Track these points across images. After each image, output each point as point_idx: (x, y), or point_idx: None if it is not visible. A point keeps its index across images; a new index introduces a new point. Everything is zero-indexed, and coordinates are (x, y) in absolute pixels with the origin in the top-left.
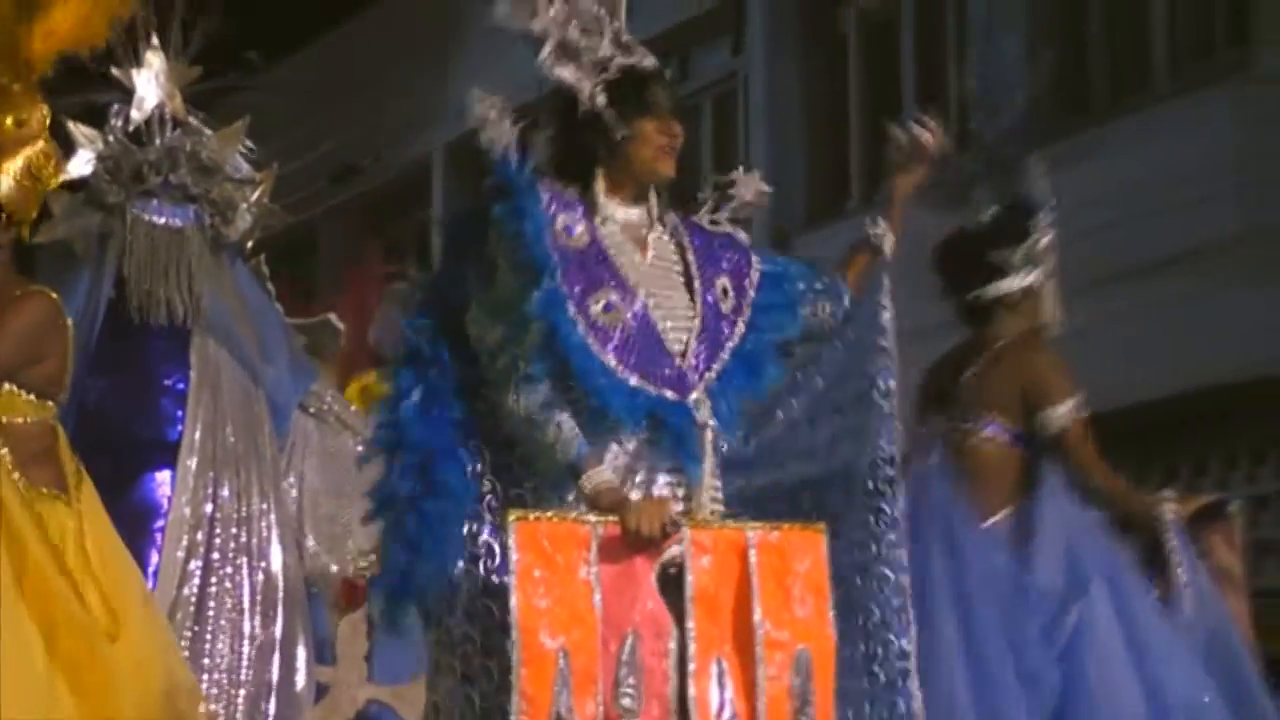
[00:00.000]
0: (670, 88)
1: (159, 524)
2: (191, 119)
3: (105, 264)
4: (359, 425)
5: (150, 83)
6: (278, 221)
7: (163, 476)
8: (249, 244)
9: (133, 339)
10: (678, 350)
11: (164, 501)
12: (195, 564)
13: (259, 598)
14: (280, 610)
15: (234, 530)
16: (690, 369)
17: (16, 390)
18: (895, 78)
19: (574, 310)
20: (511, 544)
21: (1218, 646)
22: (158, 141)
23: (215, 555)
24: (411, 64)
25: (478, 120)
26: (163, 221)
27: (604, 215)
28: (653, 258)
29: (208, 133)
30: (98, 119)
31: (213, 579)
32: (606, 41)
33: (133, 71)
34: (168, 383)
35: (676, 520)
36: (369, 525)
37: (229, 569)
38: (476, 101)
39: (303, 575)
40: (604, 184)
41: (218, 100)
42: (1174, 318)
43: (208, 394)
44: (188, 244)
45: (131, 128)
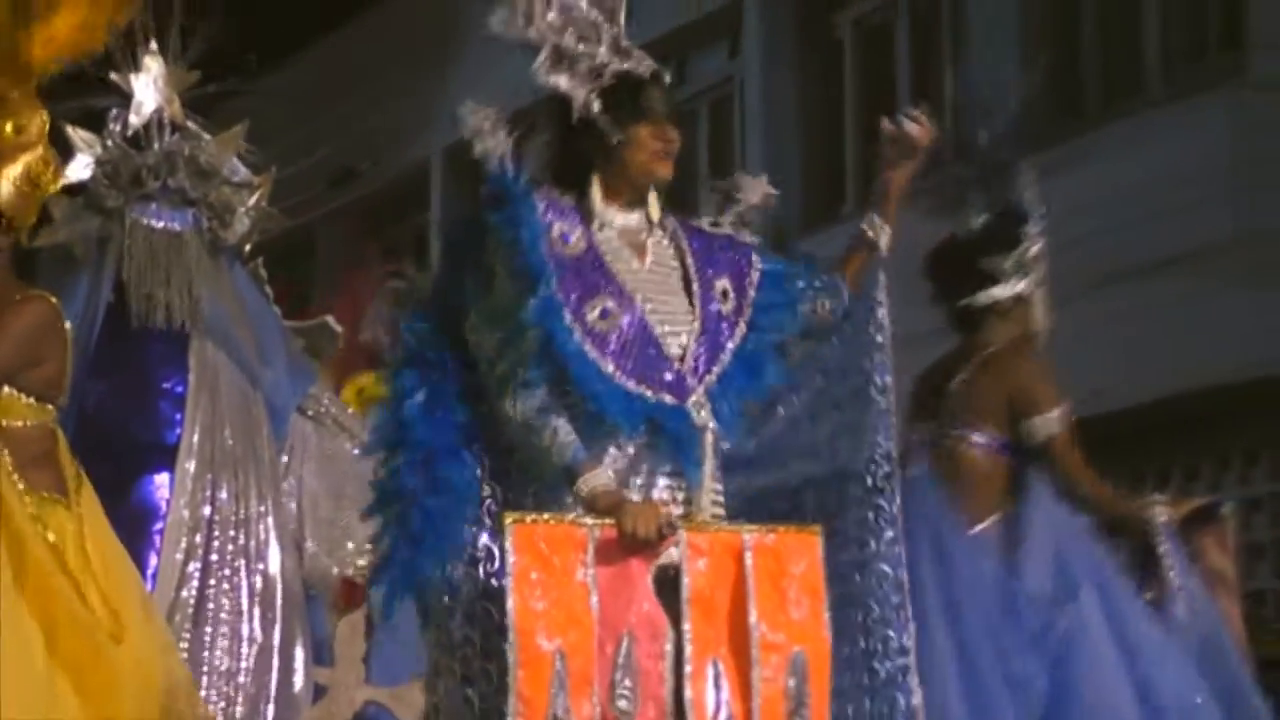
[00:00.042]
0: (667, 92)
1: (158, 526)
2: (189, 123)
3: (104, 268)
4: (356, 428)
5: (148, 87)
6: (276, 225)
7: (161, 479)
8: (247, 247)
9: (132, 342)
10: (676, 354)
11: (163, 504)
12: (194, 566)
13: (257, 600)
14: (279, 612)
15: (232, 532)
16: (689, 372)
17: (16, 394)
18: (890, 83)
19: (570, 318)
20: (508, 546)
21: (1210, 649)
22: (156, 146)
23: (214, 557)
24: (409, 69)
25: (470, 132)
26: (161, 225)
27: (601, 221)
28: (651, 263)
29: (206, 137)
30: (96, 124)
31: (211, 581)
32: (604, 48)
33: (131, 76)
34: (166, 386)
35: (672, 523)
36: (370, 521)
37: (227, 571)
38: (469, 114)
39: (300, 577)
40: (600, 190)
41: (216, 105)
42: (1167, 321)
43: (206, 397)
44: (186, 248)
45: (130, 132)
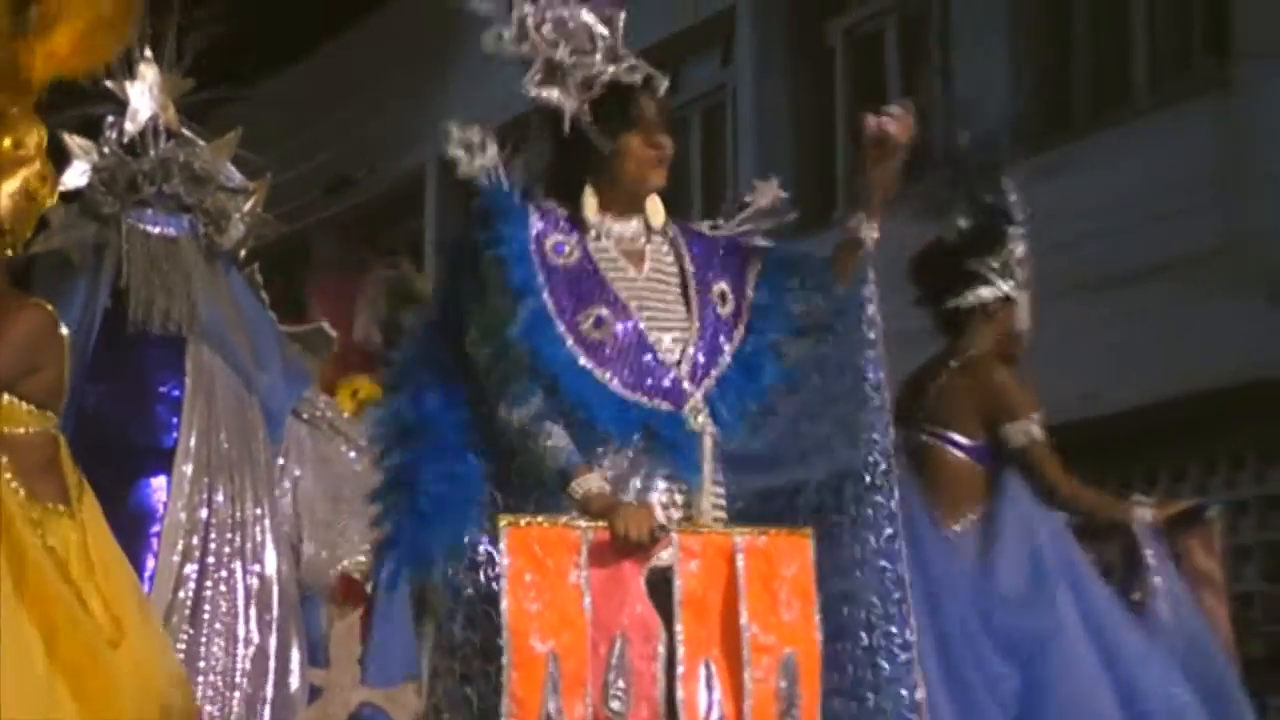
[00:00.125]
0: (659, 99)
1: (155, 529)
2: (185, 130)
3: (101, 274)
4: (351, 432)
5: (144, 94)
6: (271, 231)
7: (158, 482)
8: (243, 253)
9: (129, 347)
10: (672, 360)
11: (160, 507)
12: (191, 568)
13: (254, 601)
14: (275, 613)
15: (229, 535)
16: (686, 377)
17: (16, 402)
18: (881, 90)
19: (563, 327)
20: (502, 548)
21: (1196, 651)
22: (152, 152)
23: (210, 559)
24: (405, 76)
25: (453, 154)
26: (157, 231)
27: (597, 231)
28: (649, 270)
29: (201, 144)
30: (93, 131)
31: (208, 583)
32: (600, 57)
33: (127, 83)
34: (163, 390)
35: (664, 526)
36: (369, 521)
37: (224, 573)
38: (453, 133)
39: (296, 579)
40: (595, 200)
41: (211, 111)
42: (1155, 326)
43: (202, 401)
44: (182, 253)
45: (126, 139)
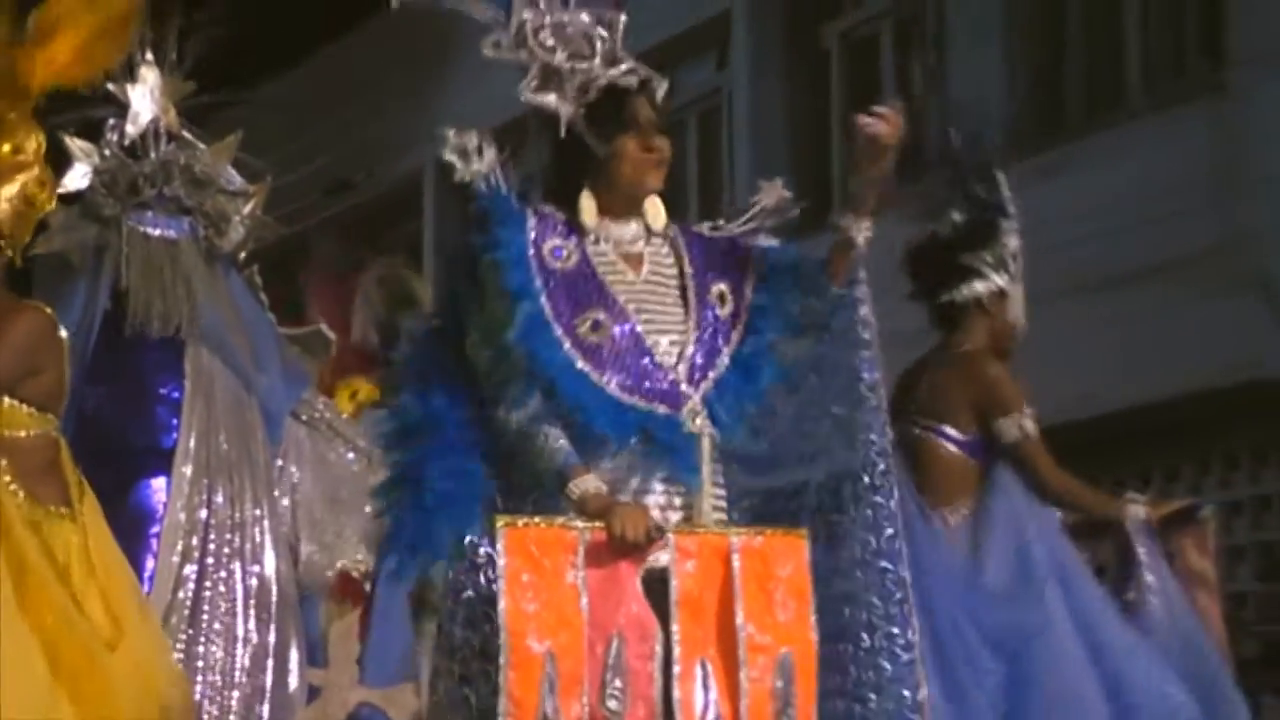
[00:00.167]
0: (656, 101)
1: (154, 529)
2: (185, 133)
3: (101, 275)
4: (350, 433)
5: (145, 98)
6: (270, 233)
7: (158, 483)
8: (242, 255)
9: (129, 349)
10: (670, 363)
11: (159, 507)
12: (190, 569)
13: (253, 602)
14: (273, 613)
15: (228, 535)
16: (684, 380)
17: (17, 404)
18: (877, 94)
19: (560, 331)
20: (499, 549)
21: (1190, 649)
22: (152, 155)
23: (210, 560)
24: (404, 79)
25: (449, 159)
26: (158, 233)
27: (595, 235)
28: (647, 273)
29: (201, 147)
30: (94, 133)
31: (207, 583)
32: (598, 62)
33: (128, 87)
34: (163, 391)
35: (660, 526)
36: (378, 509)
37: (223, 573)
38: (450, 138)
39: (295, 579)
40: (593, 203)
41: (212, 115)
42: (1149, 327)
43: (201, 402)
44: (182, 255)
45: (127, 142)
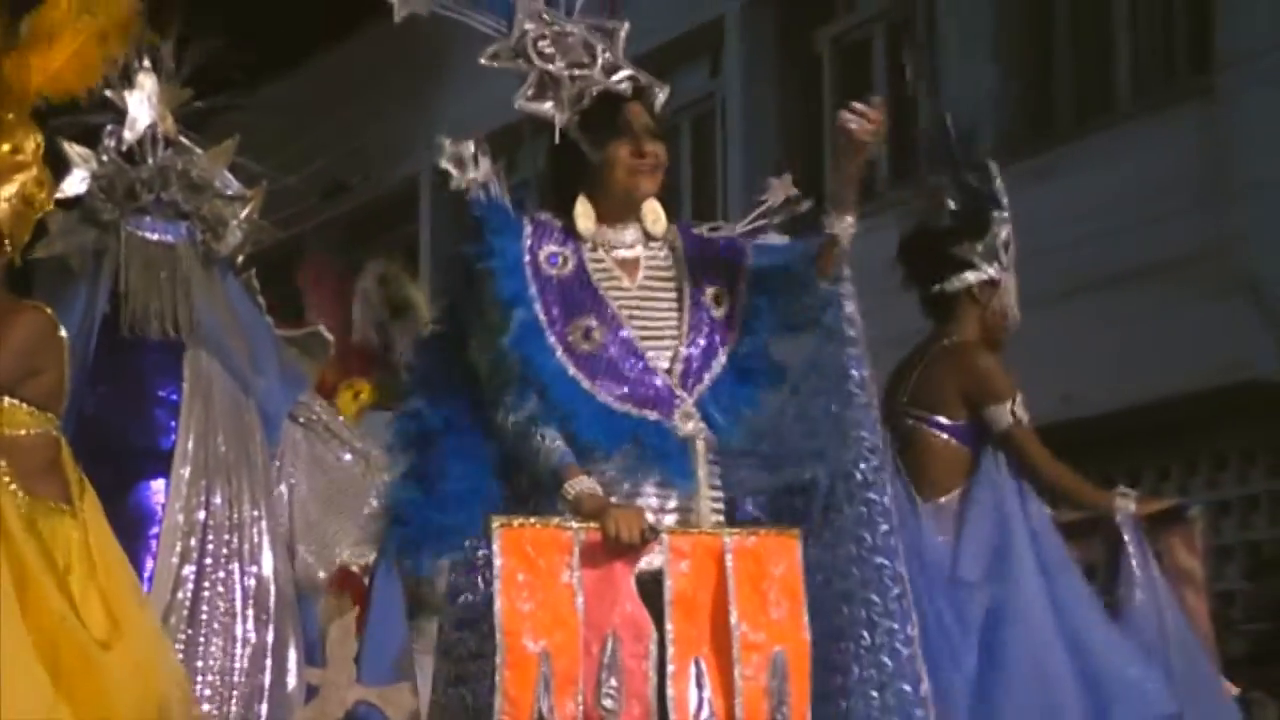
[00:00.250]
0: (651, 108)
1: (154, 531)
2: (182, 138)
3: (100, 279)
4: (347, 435)
5: (143, 103)
6: (268, 237)
7: (157, 485)
8: (240, 259)
9: (128, 352)
10: (663, 368)
11: (158, 509)
12: (189, 569)
13: (251, 602)
14: (272, 613)
15: (226, 536)
16: (678, 384)
17: (17, 404)
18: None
19: (553, 338)
20: (495, 549)
21: (1177, 647)
22: (150, 160)
23: (208, 561)
24: (402, 83)
25: (445, 168)
26: (156, 238)
27: (591, 241)
28: (643, 278)
29: (198, 151)
30: (92, 139)
31: (206, 584)
32: (596, 71)
33: (125, 93)
34: (162, 394)
35: (654, 527)
36: (387, 505)
37: (222, 574)
38: (446, 146)
39: (293, 580)
40: (589, 209)
41: (209, 120)
42: (1139, 329)
43: (200, 404)
44: (180, 259)
45: (124, 147)
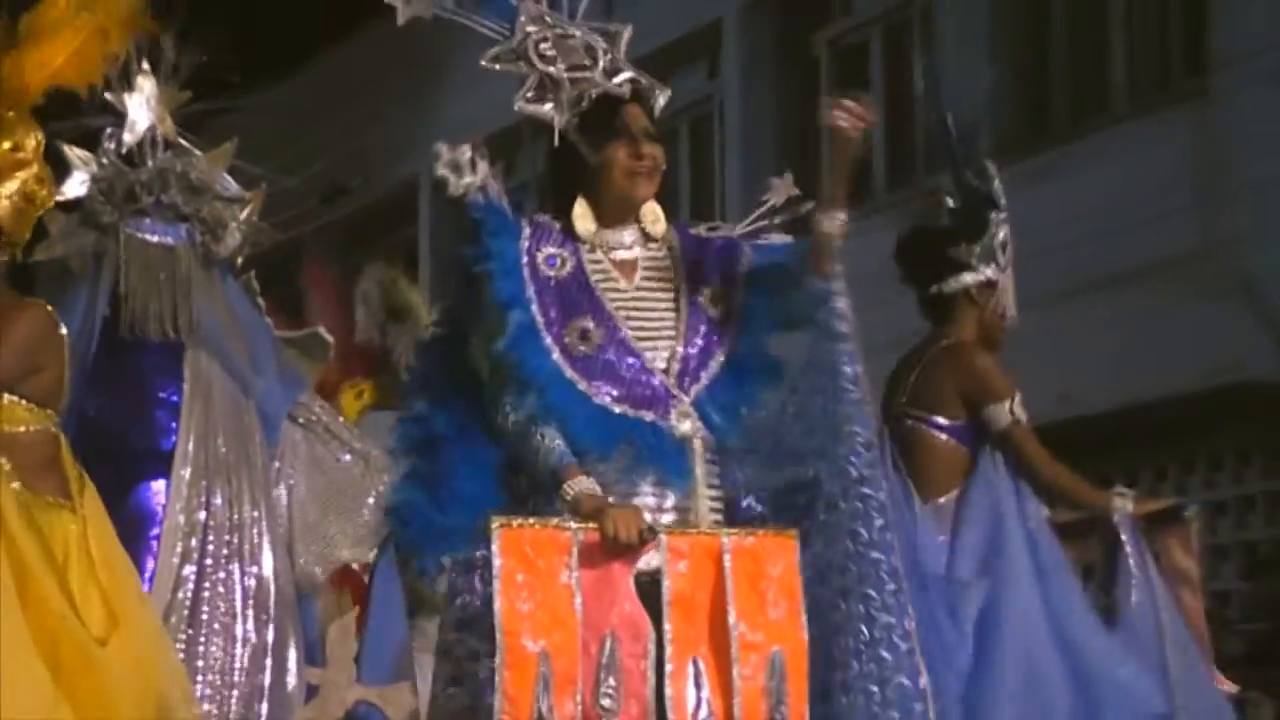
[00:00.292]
0: (650, 110)
1: (154, 531)
2: (182, 141)
3: (100, 281)
4: (346, 435)
5: (142, 106)
6: (267, 239)
7: (158, 485)
8: (239, 260)
9: (128, 354)
10: (660, 368)
11: (159, 509)
12: (189, 569)
13: (251, 602)
14: (272, 613)
15: (226, 536)
16: (675, 384)
17: (17, 400)
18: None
19: (549, 340)
20: (494, 550)
21: (1173, 647)
22: (149, 163)
23: (209, 561)
24: (401, 84)
25: (441, 174)
26: (155, 240)
27: (589, 242)
28: (640, 279)
29: (197, 154)
30: (92, 142)
31: (206, 584)
32: (598, 73)
33: (125, 96)
34: (162, 395)
35: (653, 527)
36: (393, 503)
37: (222, 574)
38: (442, 153)
39: (293, 580)
40: (588, 211)
41: (208, 122)
42: (1135, 329)
43: (200, 405)
44: (180, 261)
45: (124, 150)
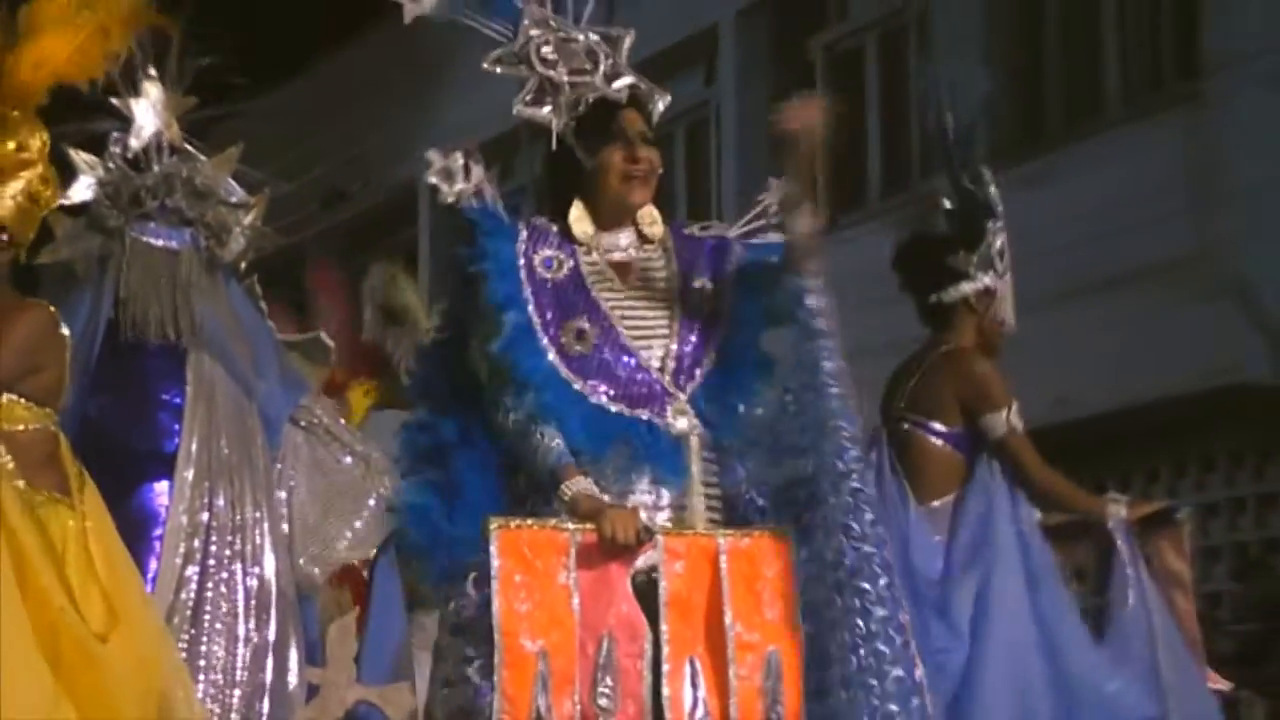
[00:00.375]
0: (648, 114)
1: (157, 532)
2: (187, 146)
3: (104, 285)
4: (348, 439)
5: (148, 111)
6: (270, 244)
7: (161, 487)
8: (242, 264)
9: (131, 356)
10: (655, 367)
11: (162, 510)
12: (192, 570)
13: (253, 602)
14: (273, 613)
15: (229, 537)
16: (671, 383)
17: (15, 399)
18: (861, 105)
19: (545, 340)
20: (492, 550)
21: (1165, 649)
22: (155, 167)
23: (211, 562)
24: (402, 88)
25: (432, 181)
26: (160, 244)
27: (586, 245)
28: (635, 278)
29: (202, 159)
30: (98, 147)
31: (209, 584)
32: (598, 77)
33: (131, 101)
34: (165, 398)
35: (650, 528)
36: (398, 505)
37: (224, 575)
38: (434, 160)
39: (293, 580)
40: (584, 213)
41: (212, 127)
42: (1129, 332)
43: (203, 408)
44: (184, 265)
45: (130, 154)
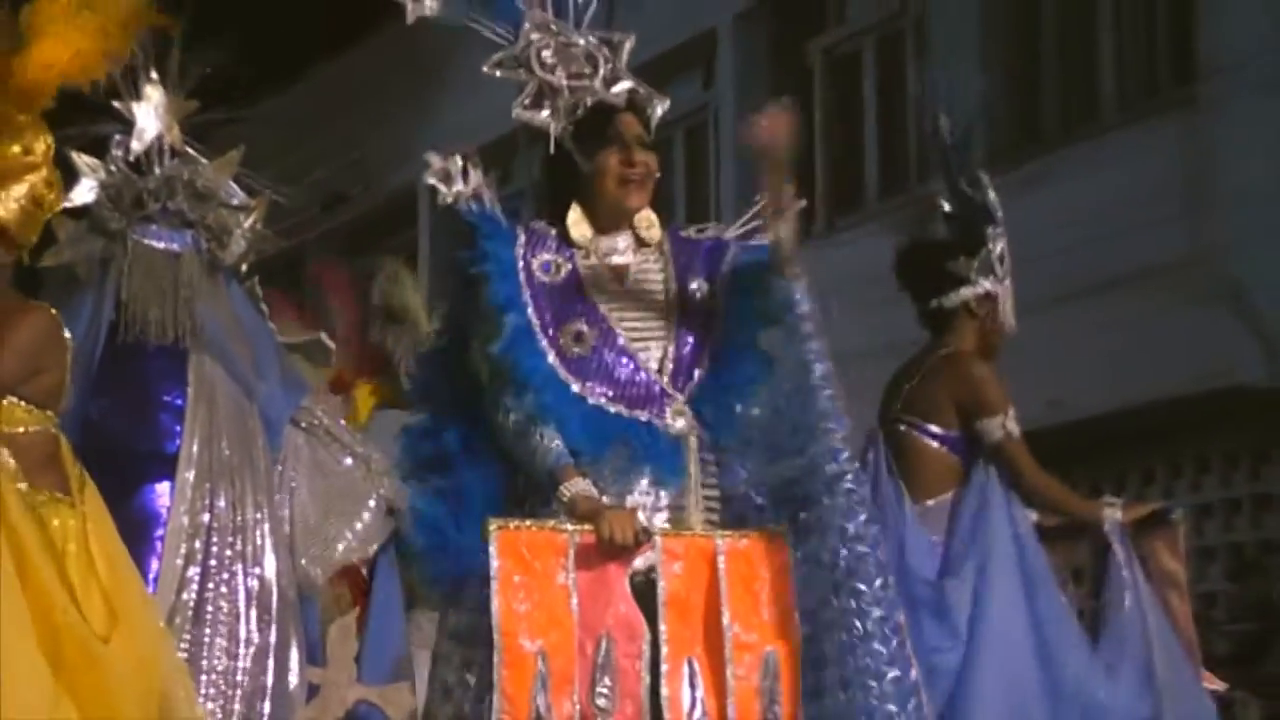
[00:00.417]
0: (646, 118)
1: (159, 533)
2: (188, 149)
3: (106, 287)
4: (348, 440)
5: (150, 115)
6: (271, 246)
7: (162, 488)
8: (243, 267)
9: (132, 358)
10: (653, 369)
11: (163, 511)
12: (193, 571)
13: (254, 603)
14: (274, 614)
15: (230, 538)
16: (669, 384)
17: (16, 402)
18: (859, 109)
19: (544, 342)
20: (492, 551)
21: (1161, 650)
22: (157, 170)
23: (212, 562)
24: (402, 91)
25: (431, 184)
26: (161, 246)
27: (584, 248)
28: (632, 283)
29: (204, 162)
30: (100, 149)
31: (210, 585)
32: (597, 81)
33: (133, 104)
34: (166, 399)
35: (648, 529)
36: (401, 506)
37: (225, 575)
38: (433, 163)
39: (294, 581)
40: (582, 217)
41: (213, 130)
42: (1124, 335)
43: (204, 409)
44: (185, 267)
45: (132, 157)
